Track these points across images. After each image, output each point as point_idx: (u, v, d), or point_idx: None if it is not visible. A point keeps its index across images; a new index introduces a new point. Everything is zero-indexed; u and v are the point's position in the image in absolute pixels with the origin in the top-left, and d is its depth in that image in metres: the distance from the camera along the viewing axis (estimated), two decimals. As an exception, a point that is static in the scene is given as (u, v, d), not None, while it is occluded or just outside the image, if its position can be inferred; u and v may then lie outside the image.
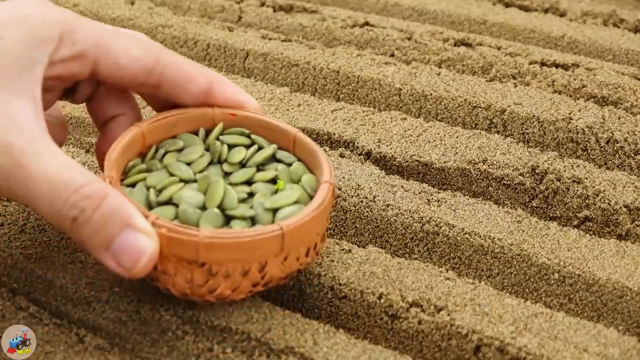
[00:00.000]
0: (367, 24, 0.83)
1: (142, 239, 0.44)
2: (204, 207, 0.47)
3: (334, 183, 0.47)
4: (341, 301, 0.51)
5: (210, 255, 0.45)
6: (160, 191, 0.48)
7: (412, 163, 0.63)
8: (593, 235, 0.57)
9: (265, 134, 0.52)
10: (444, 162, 0.62)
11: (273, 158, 0.51)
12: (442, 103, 0.69)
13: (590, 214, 0.59)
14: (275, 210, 0.47)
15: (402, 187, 0.60)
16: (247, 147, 0.51)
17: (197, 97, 0.51)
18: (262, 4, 0.87)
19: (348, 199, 0.58)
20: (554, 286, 0.54)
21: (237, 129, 0.52)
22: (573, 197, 0.59)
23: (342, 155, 0.64)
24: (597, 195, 0.59)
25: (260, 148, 0.51)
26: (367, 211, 0.58)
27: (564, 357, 0.47)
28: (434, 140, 0.65)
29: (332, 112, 0.69)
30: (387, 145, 0.65)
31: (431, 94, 0.70)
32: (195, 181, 0.49)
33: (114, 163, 0.47)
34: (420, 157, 0.63)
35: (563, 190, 0.60)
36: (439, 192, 0.60)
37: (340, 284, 0.51)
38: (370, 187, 0.59)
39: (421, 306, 0.50)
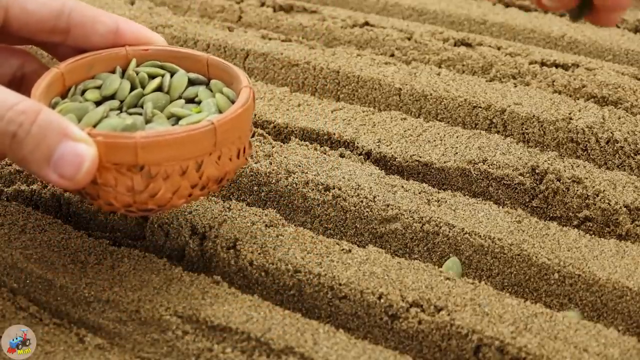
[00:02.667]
0: (367, 24, 0.83)
1: (80, 147, 0.45)
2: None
3: (252, 88, 0.50)
4: (341, 301, 0.51)
5: (148, 156, 0.46)
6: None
7: (412, 163, 0.63)
8: (593, 235, 0.57)
9: (179, 64, 0.54)
10: (444, 162, 0.62)
11: (191, 84, 0.53)
12: (442, 103, 0.69)
13: (590, 214, 0.59)
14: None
15: (402, 187, 0.60)
16: (163, 76, 0.53)
17: (106, 37, 0.52)
18: (262, 4, 0.87)
19: (348, 199, 0.58)
20: (554, 286, 0.54)
21: (150, 61, 0.53)
22: (573, 197, 0.59)
23: (342, 155, 0.64)
24: (597, 195, 0.59)
25: (174, 74, 0.53)
26: (367, 211, 0.58)
27: (564, 357, 0.47)
28: (434, 140, 0.65)
29: (332, 112, 0.69)
30: (387, 145, 0.65)
31: (431, 94, 0.70)
32: (120, 109, 0.50)
33: (38, 100, 0.48)
34: (420, 157, 0.63)
35: (563, 190, 0.60)
36: (439, 192, 0.60)
37: (340, 284, 0.51)
38: (370, 187, 0.59)
39: (421, 306, 0.50)
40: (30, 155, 0.45)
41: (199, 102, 0.51)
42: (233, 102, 0.50)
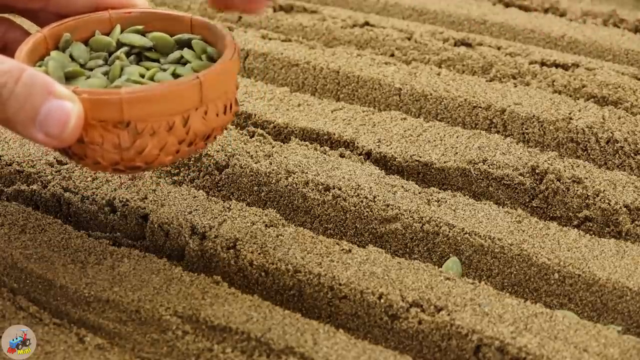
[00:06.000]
0: (367, 24, 0.83)
1: (65, 104, 0.44)
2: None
3: (237, 44, 0.50)
4: (341, 301, 0.51)
5: (134, 112, 0.46)
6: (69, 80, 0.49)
7: (412, 163, 0.63)
8: (593, 235, 0.57)
9: (162, 25, 0.53)
10: (444, 162, 0.62)
11: (177, 46, 0.53)
12: (442, 103, 0.69)
13: (590, 214, 0.59)
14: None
15: (402, 187, 0.60)
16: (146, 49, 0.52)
17: (88, 2, 0.52)
18: (262, 4, 0.87)
19: (348, 199, 0.58)
20: (554, 286, 0.54)
21: (134, 27, 0.53)
22: (573, 197, 0.59)
23: (342, 155, 0.64)
24: (597, 195, 0.59)
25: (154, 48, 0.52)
26: (367, 211, 0.58)
27: (564, 357, 0.47)
28: (434, 140, 0.65)
29: (332, 112, 0.69)
30: (387, 145, 0.65)
31: (431, 94, 0.70)
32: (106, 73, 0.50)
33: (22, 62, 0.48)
34: (420, 157, 0.63)
35: (563, 190, 0.60)
36: (439, 192, 0.60)
37: (340, 284, 0.51)
38: (370, 187, 0.59)
39: (421, 306, 0.50)
40: (15, 115, 0.44)
41: (184, 64, 0.51)
42: (215, 60, 0.50)
